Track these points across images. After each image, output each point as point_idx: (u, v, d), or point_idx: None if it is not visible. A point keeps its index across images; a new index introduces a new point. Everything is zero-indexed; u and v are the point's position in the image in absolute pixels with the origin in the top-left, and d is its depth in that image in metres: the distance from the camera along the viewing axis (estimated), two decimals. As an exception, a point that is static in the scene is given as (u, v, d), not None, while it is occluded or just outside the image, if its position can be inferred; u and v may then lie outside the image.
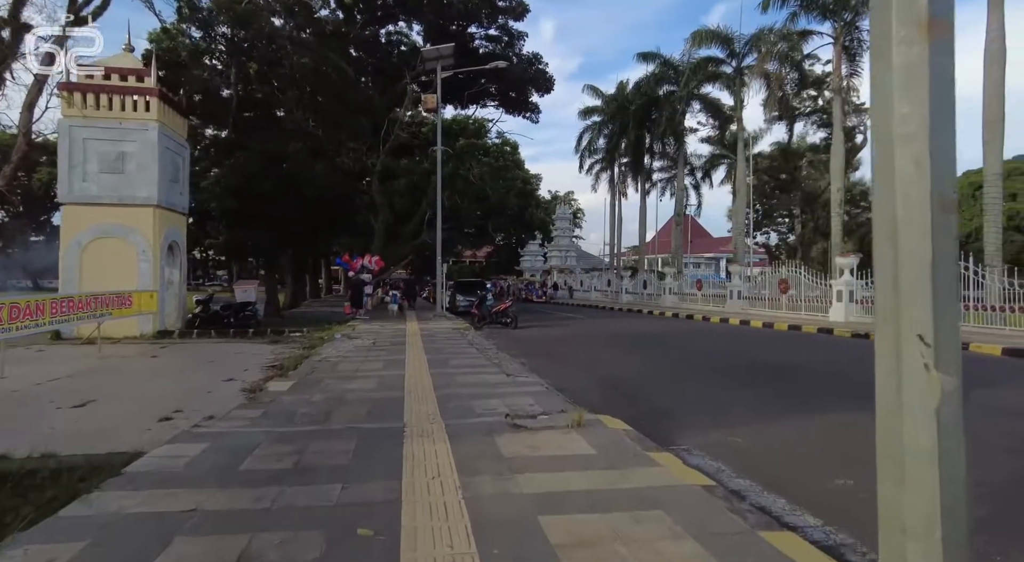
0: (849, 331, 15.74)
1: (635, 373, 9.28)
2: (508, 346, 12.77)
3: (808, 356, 11.59)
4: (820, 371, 9.64)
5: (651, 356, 11.53)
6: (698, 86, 32.84)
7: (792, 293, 22.26)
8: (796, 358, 11.26)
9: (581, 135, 46.82)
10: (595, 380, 8.53)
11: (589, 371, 9.43)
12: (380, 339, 13.58)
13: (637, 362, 10.66)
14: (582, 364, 10.28)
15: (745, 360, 10.93)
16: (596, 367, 9.84)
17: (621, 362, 10.62)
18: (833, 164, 24.36)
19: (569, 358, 11.02)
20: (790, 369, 9.78)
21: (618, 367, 9.91)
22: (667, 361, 10.87)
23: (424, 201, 27.13)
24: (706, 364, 10.40)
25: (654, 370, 9.69)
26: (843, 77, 24.37)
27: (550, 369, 9.31)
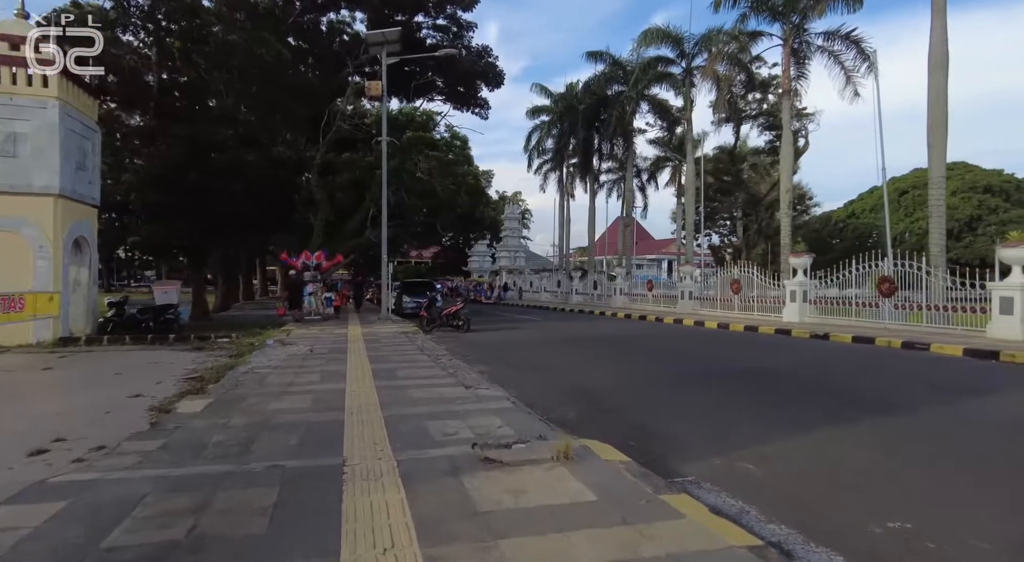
0: (807, 332, 15.50)
1: (607, 382, 8.41)
2: (462, 351, 11.72)
3: (777, 359, 11.07)
4: (799, 376, 9.05)
5: (618, 361, 10.73)
6: (647, 86, 32.65)
7: (745, 293, 22.15)
8: (766, 362, 10.70)
9: (530, 134, 46.27)
10: (565, 391, 7.60)
11: (556, 380, 8.49)
12: (319, 346, 12.24)
13: (605, 368, 9.82)
14: (547, 371, 9.35)
15: (717, 365, 10.28)
16: (563, 375, 8.92)
17: (588, 368, 9.75)
18: (783, 165, 24.50)
19: (531, 364, 10.07)
20: (767, 375, 9.16)
21: (586, 375, 9.02)
22: (636, 367, 10.09)
23: (368, 197, 25.64)
24: (677, 370, 9.66)
25: (626, 377, 8.85)
26: (792, 79, 24.50)
27: (513, 378, 8.33)
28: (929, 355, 11.73)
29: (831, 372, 9.54)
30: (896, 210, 56.28)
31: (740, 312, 21.80)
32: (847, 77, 24.28)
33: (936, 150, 17.85)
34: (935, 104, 17.84)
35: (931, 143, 17.95)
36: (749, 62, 28.45)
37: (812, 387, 8.06)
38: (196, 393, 7.19)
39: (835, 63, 24.44)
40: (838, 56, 24.29)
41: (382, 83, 17.94)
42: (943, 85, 17.79)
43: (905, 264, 16.08)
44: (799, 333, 15.67)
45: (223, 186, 17.90)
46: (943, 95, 17.78)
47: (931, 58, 18.01)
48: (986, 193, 55.14)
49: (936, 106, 17.83)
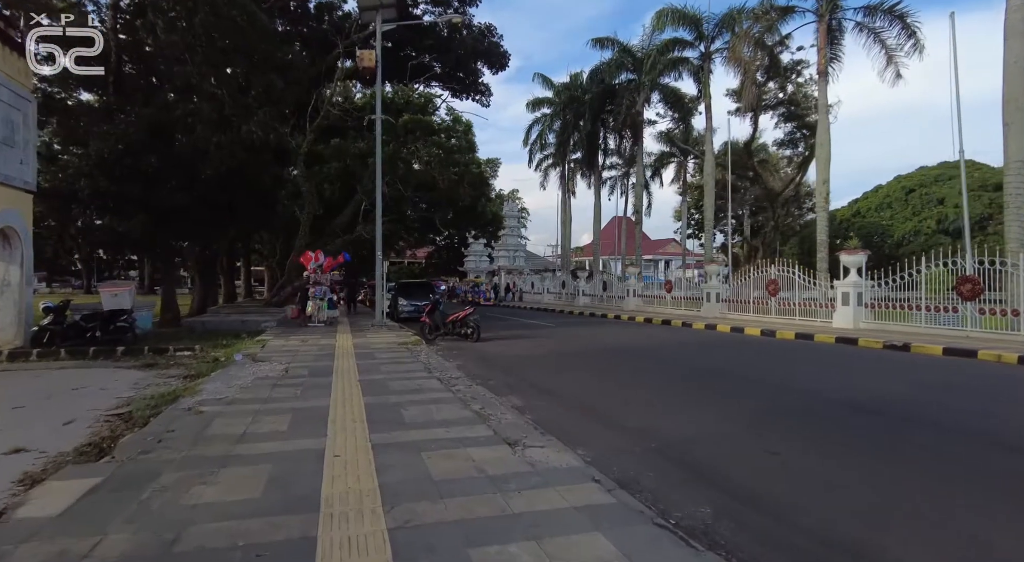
0: (878, 341, 13.12)
1: (700, 428, 5.84)
2: (479, 370, 9.24)
3: (893, 384, 8.63)
4: (953, 412, 6.62)
5: (688, 390, 8.17)
6: (661, 73, 30.27)
7: (782, 295, 19.80)
8: (882, 389, 8.25)
9: (530, 128, 43.96)
10: (656, 451, 4.99)
11: (627, 425, 5.91)
12: (297, 362, 9.71)
13: (678, 401, 7.33)
14: (605, 408, 6.75)
15: (818, 393, 7.79)
16: (631, 415, 6.35)
17: (656, 401, 7.23)
18: (819, 154, 22.17)
19: (576, 394, 7.55)
20: (910, 415, 6.71)
21: (663, 414, 6.47)
22: (715, 398, 7.55)
23: (359, 189, 23.09)
24: (774, 403, 7.15)
25: (720, 419, 6.30)
26: (827, 59, 22.18)
27: (565, 422, 5.86)
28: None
29: (994, 408, 7.13)
30: (904, 208, 54.41)
31: (779, 316, 19.43)
32: (888, 57, 22.00)
33: (1015, 129, 15.54)
34: (1013, 77, 15.55)
35: (1007, 121, 15.65)
36: (775, 45, 26.15)
37: (987, 437, 5.63)
38: (91, 456, 4.68)
39: (875, 42, 22.16)
40: (879, 34, 22.02)
41: (376, 53, 15.42)
42: (1022, 54, 15.49)
43: (986, 262, 13.78)
44: (868, 343, 13.30)
45: (187, 173, 15.29)
46: (1021, 65, 15.49)
47: (1007, 25, 15.72)
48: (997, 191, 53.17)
49: (1014, 79, 15.53)
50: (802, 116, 33.54)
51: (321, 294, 18.39)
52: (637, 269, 29.41)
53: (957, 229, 50.11)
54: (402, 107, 21.02)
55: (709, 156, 28.58)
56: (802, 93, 33.77)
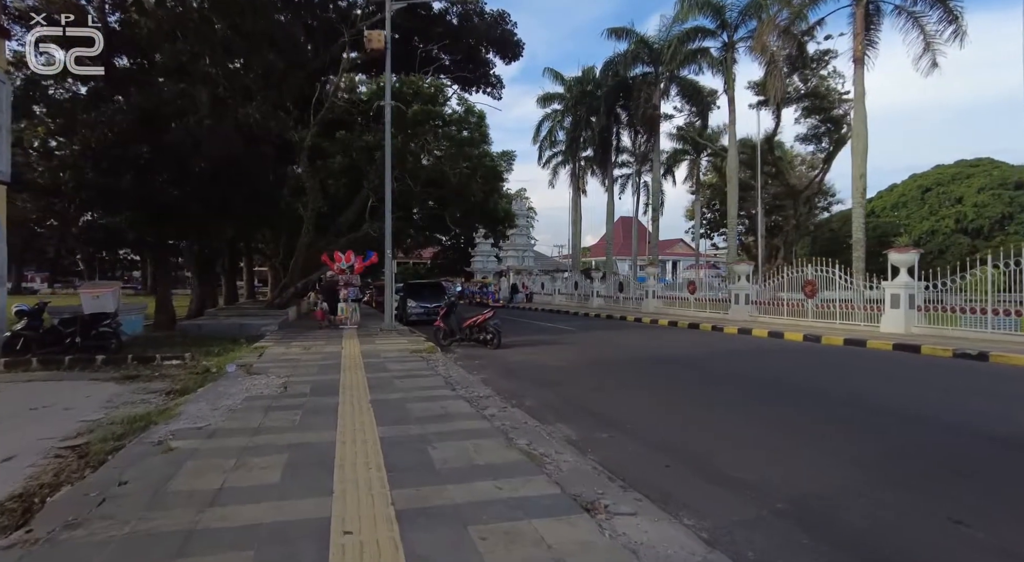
0: (945, 349, 11.73)
1: (844, 483, 4.27)
2: (509, 386, 7.91)
3: (996, 406, 7.27)
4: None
5: (783, 414, 6.55)
6: (681, 64, 28.89)
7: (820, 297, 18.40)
8: (1002, 414, 6.88)
9: (540, 124, 42.90)
10: (798, 519, 3.53)
11: (736, 476, 4.32)
12: (298, 375, 8.40)
13: (786, 436, 5.73)
14: (694, 447, 5.11)
15: (961, 428, 6.38)
16: (731, 458, 4.74)
17: (762, 440, 5.53)
18: (855, 145, 20.76)
19: (646, 425, 6.04)
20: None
21: (781, 460, 4.78)
22: (831, 430, 6.04)
23: (365, 184, 21.79)
24: (914, 444, 5.55)
25: (859, 466, 4.67)
26: (864, 45, 20.77)
27: (647, 468, 4.51)
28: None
29: None
30: (920, 208, 52.86)
31: (816, 320, 18.02)
32: (926, 44, 20.60)
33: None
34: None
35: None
36: (803, 33, 24.74)
37: None
38: (8, 520, 3.36)
39: (914, 26, 20.77)
40: (919, 18, 20.61)
41: (386, 32, 14.13)
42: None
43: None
44: (933, 350, 11.89)
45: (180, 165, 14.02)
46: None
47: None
48: (1018, 190, 51.58)
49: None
50: (827, 109, 32.09)
51: (354, 296, 17.97)
52: (656, 269, 28.02)
53: (976, 229, 48.76)
54: (411, 98, 19.72)
55: (733, 150, 27.19)
56: (824, 86, 32.31)
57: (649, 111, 32.99)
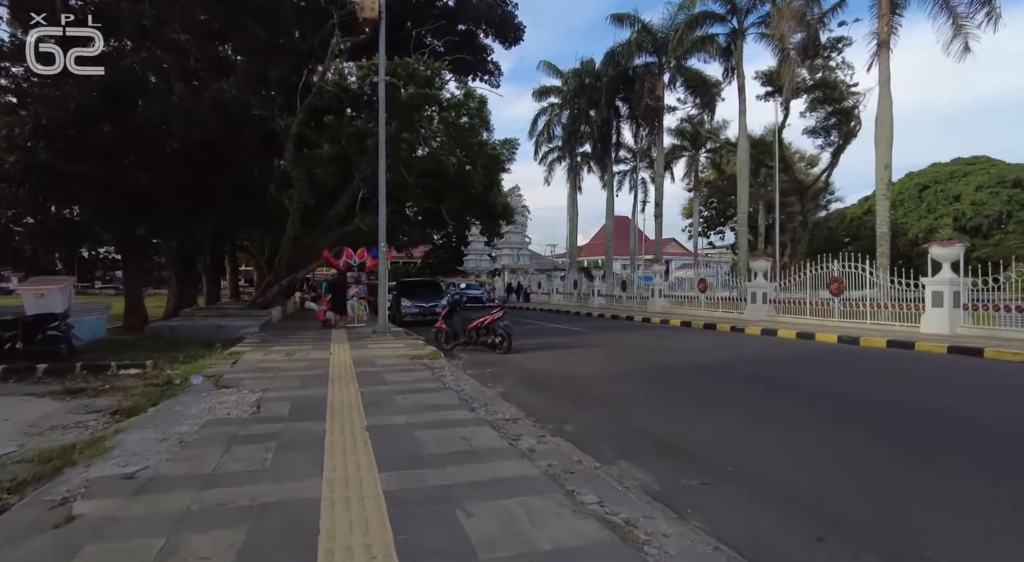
0: (1012, 352, 10.38)
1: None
2: (540, 405, 6.39)
3: None
4: None
5: (937, 452, 5.09)
6: (688, 52, 27.52)
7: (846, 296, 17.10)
8: None
9: (536, 118, 41.46)
10: None
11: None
12: (276, 389, 6.85)
13: (976, 488, 4.48)
14: (849, 505, 3.69)
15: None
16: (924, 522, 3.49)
17: (970, 503, 4.35)
18: (880, 134, 19.45)
19: (741, 461, 4.51)
20: None
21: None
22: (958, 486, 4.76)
23: (356, 175, 20.18)
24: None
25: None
26: (889, 27, 19.48)
27: (790, 544, 3.05)
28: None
29: None
30: (917, 206, 51.98)
31: (844, 320, 16.70)
32: (957, 27, 19.36)
33: None
34: None
35: None
36: (819, 17, 23.45)
37: None
38: None
39: (943, 9, 19.52)
40: (949, 1, 19.37)
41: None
42: None
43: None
44: (998, 354, 10.54)
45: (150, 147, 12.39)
46: None
47: None
48: (1015, 187, 50.81)
49: None
50: (838, 100, 30.88)
51: (364, 293, 17.25)
52: (662, 267, 26.66)
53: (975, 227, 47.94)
54: (405, 80, 18.18)
55: (743, 141, 25.87)
56: (833, 77, 31.11)
57: (652, 102, 31.65)
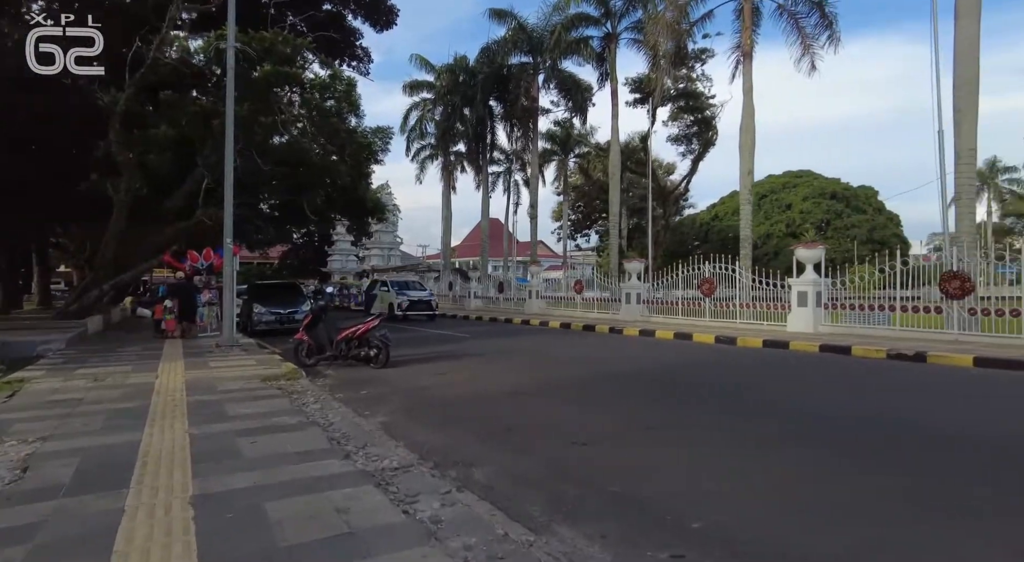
0: (876, 349, 10.90)
1: None
2: (434, 441, 5.09)
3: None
4: None
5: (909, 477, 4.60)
6: (563, 54, 27.49)
7: (716, 296, 17.64)
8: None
9: (408, 113, 39.80)
10: None
11: None
12: (63, 438, 4.89)
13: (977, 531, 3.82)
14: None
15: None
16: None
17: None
18: (743, 141, 20.45)
19: (737, 519, 3.66)
20: None
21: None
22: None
23: (199, 161, 17.38)
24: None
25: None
26: (752, 39, 20.58)
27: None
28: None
29: None
30: (757, 213, 57.48)
31: (715, 319, 17.19)
32: (805, 46, 20.95)
33: (967, 116, 14.41)
34: (964, 58, 14.44)
35: (959, 107, 14.49)
36: (688, 29, 24.36)
37: None
38: None
39: (794, 28, 21.03)
40: (799, 19, 20.89)
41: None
42: (975, 35, 14.46)
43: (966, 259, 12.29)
44: (865, 351, 11.02)
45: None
46: (975, 47, 14.44)
47: (958, 5, 14.61)
48: (832, 199, 58.00)
49: (966, 60, 14.43)
50: (701, 109, 32.68)
51: (216, 299, 15.54)
52: (539, 268, 26.34)
53: (803, 233, 53.94)
54: (260, 55, 15.88)
55: (616, 146, 26.30)
56: (694, 87, 32.93)
57: (527, 103, 31.42)
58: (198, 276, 17.27)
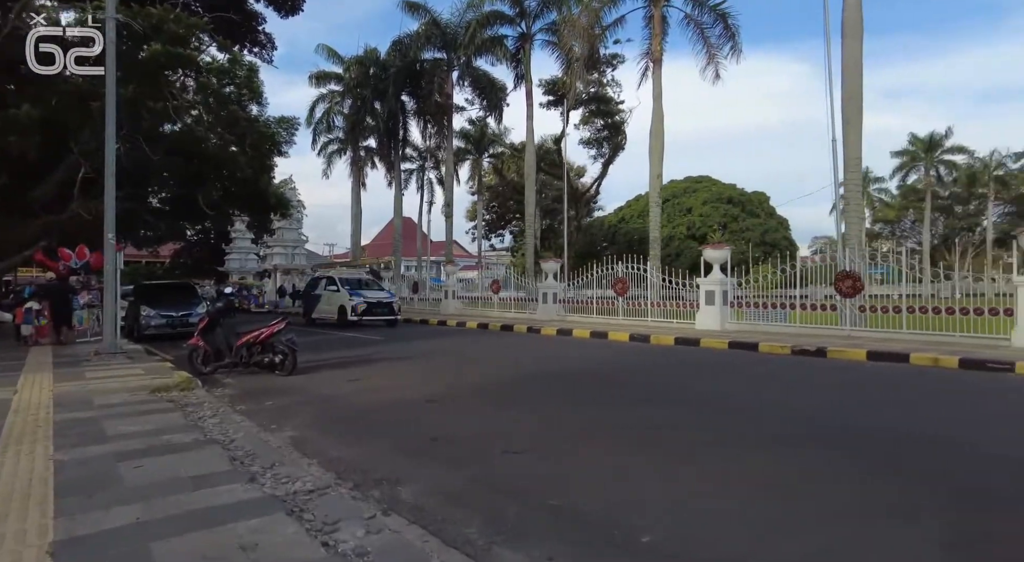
0: (780, 346, 11.47)
1: None
2: (350, 457, 4.58)
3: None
4: None
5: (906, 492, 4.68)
6: (477, 51, 27.21)
7: (629, 295, 18.05)
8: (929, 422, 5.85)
9: (314, 105, 38.08)
10: None
11: None
12: None
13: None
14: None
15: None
16: None
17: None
18: (653, 145, 21.12)
19: (669, 529, 3.40)
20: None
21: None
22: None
23: (74, 148, 15.49)
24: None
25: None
26: (662, 45, 21.27)
27: None
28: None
29: None
30: (660, 216, 60.14)
31: (629, 318, 17.59)
32: (710, 55, 21.97)
33: (853, 127, 15.60)
34: (850, 74, 15.63)
35: (847, 119, 15.68)
36: (601, 32, 24.83)
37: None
38: None
39: (700, 38, 21.97)
40: (704, 30, 21.84)
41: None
42: (858, 53, 15.67)
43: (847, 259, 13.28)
44: (771, 348, 11.55)
45: None
46: (859, 64, 15.66)
47: (845, 25, 15.79)
48: (728, 203, 61.73)
49: (851, 76, 15.61)
50: (612, 113, 33.51)
51: (98, 300, 14.18)
52: (456, 268, 25.89)
53: (702, 235, 57.09)
54: (149, 34, 14.37)
55: (531, 146, 26.39)
56: (605, 92, 33.76)
57: (441, 100, 30.86)
58: (75, 276, 15.50)
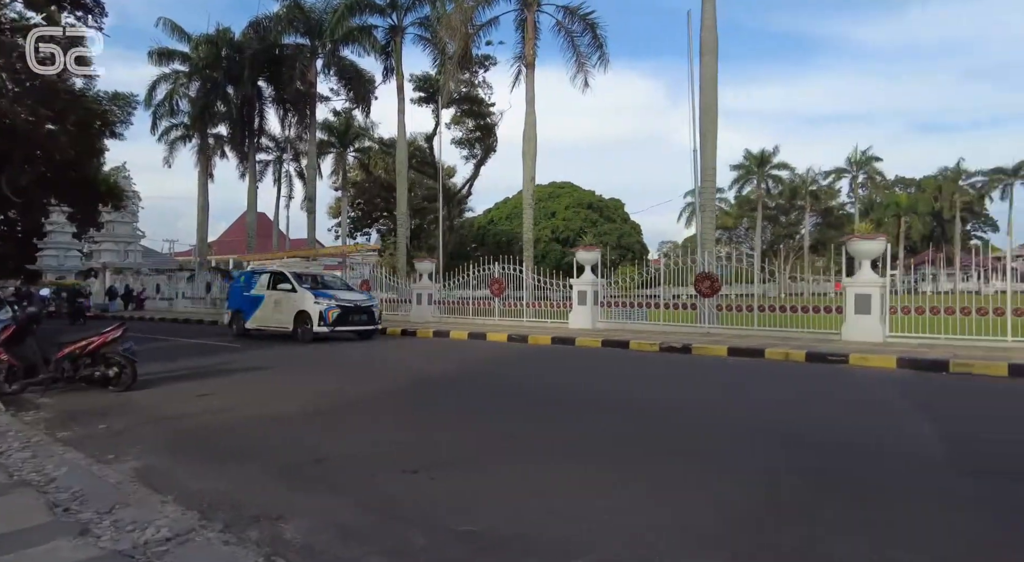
0: (649, 343, 12.04)
1: None
2: (210, 487, 3.80)
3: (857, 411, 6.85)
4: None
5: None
6: (343, 39, 25.89)
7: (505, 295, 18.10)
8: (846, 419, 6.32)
9: (155, 85, 33.96)
10: None
11: None
12: None
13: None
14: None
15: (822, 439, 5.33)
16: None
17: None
18: (526, 148, 21.39)
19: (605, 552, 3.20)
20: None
21: None
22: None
23: None
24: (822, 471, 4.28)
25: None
26: (535, 50, 21.62)
27: None
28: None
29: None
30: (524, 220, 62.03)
31: (506, 319, 17.65)
32: (580, 64, 22.76)
33: (709, 138, 16.91)
34: (707, 88, 16.93)
35: (704, 131, 16.97)
36: (474, 32, 24.72)
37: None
38: None
39: (570, 45, 22.67)
40: (575, 38, 22.56)
41: None
42: (714, 70, 17.01)
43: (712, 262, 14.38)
44: (641, 346, 12.09)
45: None
46: (714, 79, 17.00)
47: (703, 44, 17.07)
48: (588, 209, 65.04)
49: (708, 90, 16.92)
50: (483, 115, 33.57)
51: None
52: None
53: (564, 238, 59.71)
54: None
55: (402, 142, 25.59)
56: (477, 93, 33.82)
57: (303, 88, 29.01)
58: None
